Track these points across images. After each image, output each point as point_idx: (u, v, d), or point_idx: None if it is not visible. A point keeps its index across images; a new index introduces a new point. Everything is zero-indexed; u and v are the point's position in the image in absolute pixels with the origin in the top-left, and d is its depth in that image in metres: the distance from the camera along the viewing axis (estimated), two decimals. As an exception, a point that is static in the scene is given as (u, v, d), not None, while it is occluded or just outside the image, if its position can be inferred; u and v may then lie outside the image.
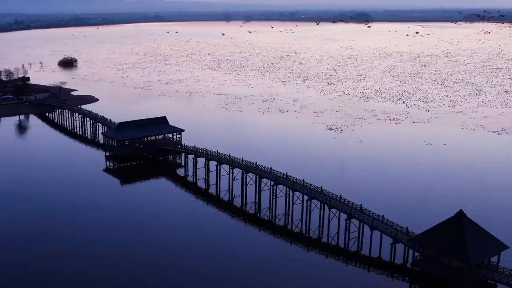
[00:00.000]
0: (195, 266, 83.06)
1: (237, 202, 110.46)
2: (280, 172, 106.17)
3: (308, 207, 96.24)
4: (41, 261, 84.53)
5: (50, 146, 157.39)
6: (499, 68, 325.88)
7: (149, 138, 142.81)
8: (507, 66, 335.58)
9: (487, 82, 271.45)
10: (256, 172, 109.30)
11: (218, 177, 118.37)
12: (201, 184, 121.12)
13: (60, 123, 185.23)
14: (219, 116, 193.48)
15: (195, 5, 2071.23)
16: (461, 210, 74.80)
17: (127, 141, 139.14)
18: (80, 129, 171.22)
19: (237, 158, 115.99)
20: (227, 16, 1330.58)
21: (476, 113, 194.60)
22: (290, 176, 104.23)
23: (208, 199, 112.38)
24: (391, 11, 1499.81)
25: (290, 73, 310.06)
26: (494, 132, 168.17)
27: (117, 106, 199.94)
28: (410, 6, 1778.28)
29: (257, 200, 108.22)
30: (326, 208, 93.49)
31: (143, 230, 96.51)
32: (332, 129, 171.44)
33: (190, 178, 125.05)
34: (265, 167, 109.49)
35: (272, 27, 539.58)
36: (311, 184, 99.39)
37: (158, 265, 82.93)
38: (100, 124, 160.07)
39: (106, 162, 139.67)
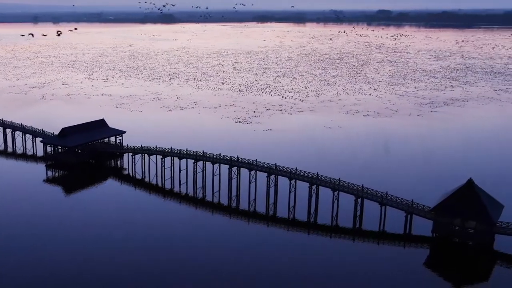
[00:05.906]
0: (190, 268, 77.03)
1: (234, 200, 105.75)
2: (285, 166, 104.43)
3: (311, 193, 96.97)
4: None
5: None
6: (318, 62, 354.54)
7: (94, 142, 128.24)
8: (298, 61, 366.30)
9: (326, 74, 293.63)
10: (269, 169, 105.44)
11: (195, 176, 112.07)
12: (169, 184, 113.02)
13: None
14: (129, 117, 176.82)
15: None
16: (470, 178, 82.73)
17: (65, 147, 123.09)
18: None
19: (215, 154, 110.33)
20: (34, 18, 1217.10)
21: (342, 101, 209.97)
22: (279, 166, 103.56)
23: (197, 202, 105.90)
24: (191, 12, 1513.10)
25: (151, 71, 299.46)
26: (369, 115, 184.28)
27: (7, 112, 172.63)
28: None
29: (271, 196, 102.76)
30: (330, 191, 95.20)
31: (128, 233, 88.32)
32: (241, 122, 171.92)
33: (153, 180, 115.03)
34: (271, 164, 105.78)
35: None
36: (301, 170, 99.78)
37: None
38: (20, 132, 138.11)
39: (47, 172, 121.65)
